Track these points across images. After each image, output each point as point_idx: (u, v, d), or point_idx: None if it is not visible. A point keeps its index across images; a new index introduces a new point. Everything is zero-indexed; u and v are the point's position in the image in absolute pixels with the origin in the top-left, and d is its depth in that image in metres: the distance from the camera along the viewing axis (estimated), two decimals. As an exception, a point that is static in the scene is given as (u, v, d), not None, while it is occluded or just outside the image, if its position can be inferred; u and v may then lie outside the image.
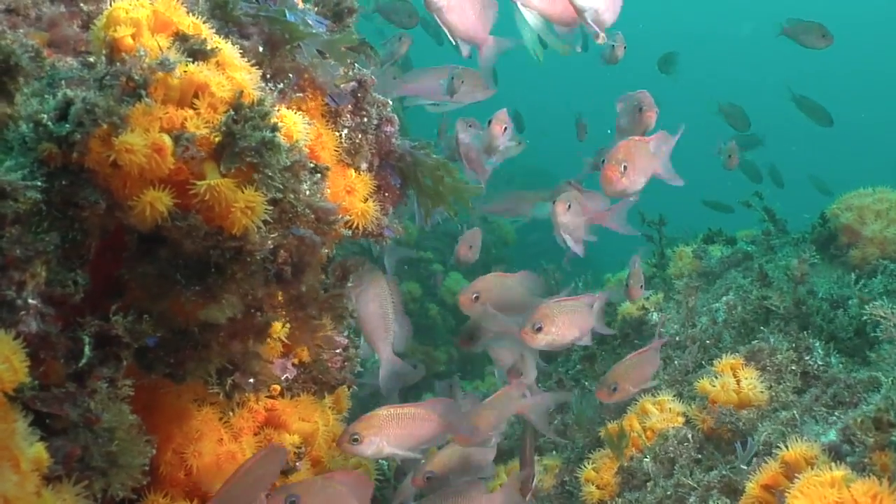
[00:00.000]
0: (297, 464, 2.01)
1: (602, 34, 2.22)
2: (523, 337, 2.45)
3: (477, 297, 2.70)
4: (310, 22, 1.73)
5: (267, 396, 2.02)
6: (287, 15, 1.68)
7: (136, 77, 1.27)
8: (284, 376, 2.06)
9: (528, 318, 2.46)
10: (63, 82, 1.30)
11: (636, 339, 3.92)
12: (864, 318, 2.60)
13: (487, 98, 3.06)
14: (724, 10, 29.36)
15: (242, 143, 1.27)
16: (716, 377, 2.81)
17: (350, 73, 1.84)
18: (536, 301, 2.60)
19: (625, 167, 2.47)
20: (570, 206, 2.70)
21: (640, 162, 2.52)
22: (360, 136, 1.87)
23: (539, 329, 2.45)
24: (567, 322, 2.54)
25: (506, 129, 2.79)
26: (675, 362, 3.33)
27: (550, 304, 2.51)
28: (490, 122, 2.79)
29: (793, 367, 2.83)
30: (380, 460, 2.75)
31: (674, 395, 2.99)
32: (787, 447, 2.13)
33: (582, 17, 2.17)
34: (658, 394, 3.00)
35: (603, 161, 2.54)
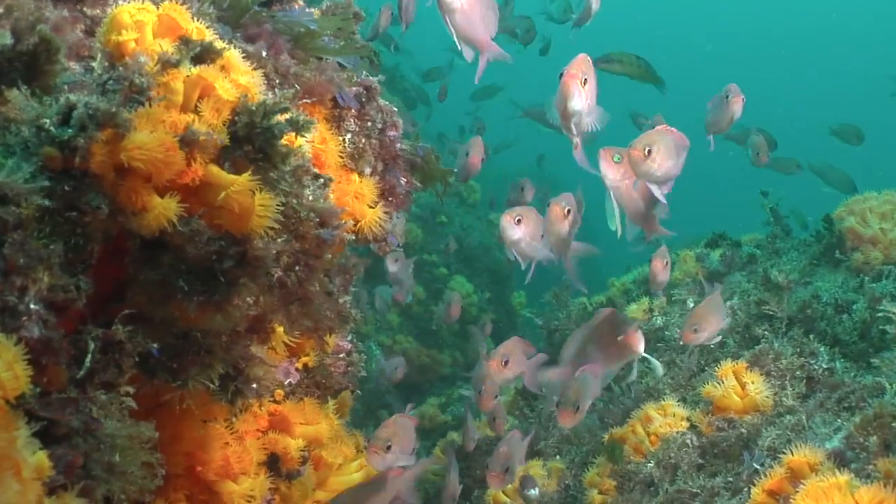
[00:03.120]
0: (301, 468, 2.00)
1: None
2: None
3: None
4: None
5: (270, 401, 2.01)
6: (304, 24, 1.69)
7: (139, 81, 1.27)
8: (288, 381, 2.06)
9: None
10: (66, 86, 1.30)
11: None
12: (880, 314, 2.60)
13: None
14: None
15: (247, 139, 1.27)
16: (720, 382, 2.80)
17: (355, 77, 1.83)
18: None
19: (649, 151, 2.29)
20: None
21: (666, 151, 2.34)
22: (363, 140, 1.87)
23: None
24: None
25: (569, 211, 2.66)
26: (679, 367, 3.32)
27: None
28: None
29: (797, 372, 2.82)
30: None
31: (678, 400, 2.98)
32: (791, 453, 2.12)
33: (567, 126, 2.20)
34: (662, 399, 2.99)
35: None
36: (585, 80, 2.18)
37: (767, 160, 4.68)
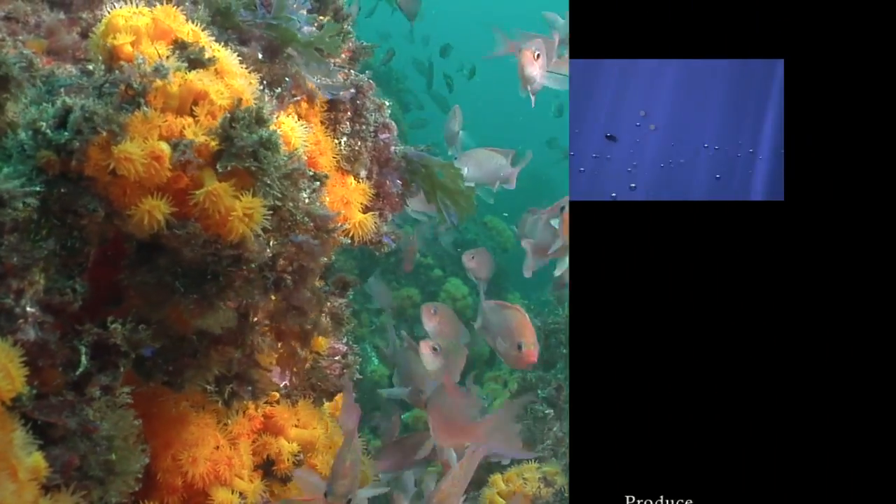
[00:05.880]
0: (296, 471, 2.00)
1: None
2: None
3: None
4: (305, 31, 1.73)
5: (265, 403, 2.01)
6: (289, 23, 1.68)
7: (136, 85, 1.28)
8: (283, 383, 2.05)
9: None
10: (62, 90, 1.30)
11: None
12: None
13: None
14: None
15: (239, 143, 1.27)
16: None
17: (348, 80, 1.84)
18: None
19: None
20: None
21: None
22: (358, 143, 1.87)
23: None
24: None
25: (538, 55, 2.66)
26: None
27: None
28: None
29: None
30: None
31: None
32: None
33: None
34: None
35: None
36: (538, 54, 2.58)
37: None
